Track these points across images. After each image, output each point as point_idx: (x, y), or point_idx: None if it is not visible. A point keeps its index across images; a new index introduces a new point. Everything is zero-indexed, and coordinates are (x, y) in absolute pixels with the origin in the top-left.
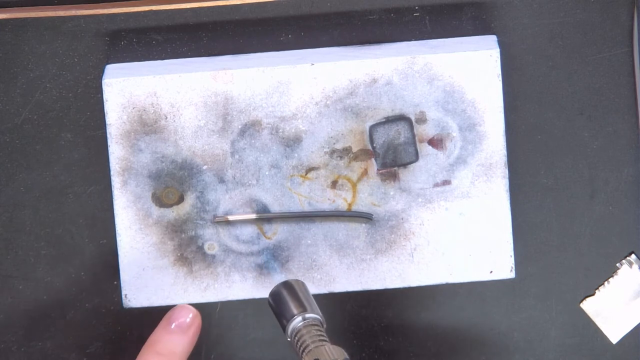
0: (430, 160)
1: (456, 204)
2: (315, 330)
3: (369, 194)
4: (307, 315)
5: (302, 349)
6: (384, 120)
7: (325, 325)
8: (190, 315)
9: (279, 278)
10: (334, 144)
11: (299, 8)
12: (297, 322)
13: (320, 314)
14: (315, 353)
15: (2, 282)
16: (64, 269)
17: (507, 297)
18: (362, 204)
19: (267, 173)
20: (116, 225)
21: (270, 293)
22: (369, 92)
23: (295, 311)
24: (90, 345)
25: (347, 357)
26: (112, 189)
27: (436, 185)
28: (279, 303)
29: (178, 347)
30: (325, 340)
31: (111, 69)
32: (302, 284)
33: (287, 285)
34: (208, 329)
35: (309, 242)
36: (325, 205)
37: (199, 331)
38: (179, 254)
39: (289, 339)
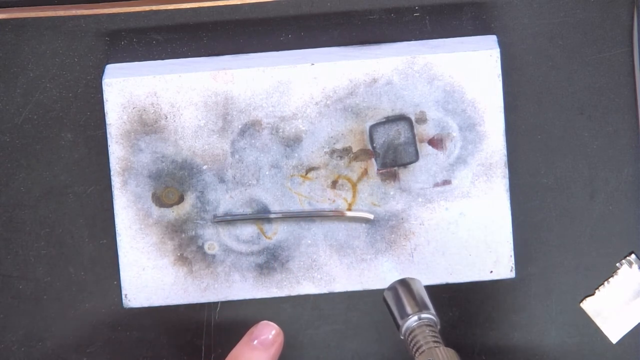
0: (430, 160)
1: (456, 203)
2: (429, 331)
3: (369, 194)
4: (423, 315)
5: (415, 349)
6: (384, 120)
7: (439, 326)
8: (273, 332)
9: (279, 278)
10: (334, 144)
11: (299, 8)
12: (412, 321)
13: (435, 314)
14: (429, 354)
15: (2, 282)
16: (64, 269)
17: (507, 297)
18: (362, 204)
19: (267, 173)
20: (116, 225)
21: (386, 290)
22: (369, 92)
23: (410, 310)
24: (90, 345)
25: None
26: (112, 189)
27: (436, 185)
28: (395, 301)
29: None
30: (439, 342)
31: (111, 69)
32: (419, 282)
33: (403, 283)
34: (208, 329)
35: (309, 242)
36: (326, 205)
37: (281, 348)
38: (179, 254)
39: (402, 337)
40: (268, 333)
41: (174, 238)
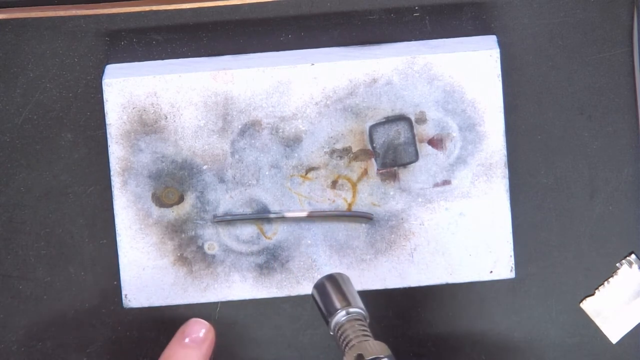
0: (430, 160)
1: (456, 204)
2: (359, 325)
3: (369, 194)
4: (351, 310)
5: (345, 343)
6: (384, 120)
7: (368, 320)
8: (204, 330)
9: (279, 278)
10: (334, 144)
11: (299, 8)
12: (340, 316)
13: (364, 308)
14: (358, 348)
15: (2, 282)
16: (64, 269)
17: (507, 297)
18: (362, 204)
19: (267, 173)
20: (116, 225)
21: (314, 286)
22: (369, 92)
23: (338, 305)
24: (90, 345)
25: (390, 353)
26: (112, 189)
27: (436, 185)
28: (323, 296)
29: None
30: (368, 336)
31: (111, 69)
32: (347, 277)
33: (331, 278)
34: None
35: (309, 242)
36: (325, 205)
37: (213, 345)
38: (179, 254)
39: (331, 333)
40: (199, 331)
41: (174, 238)
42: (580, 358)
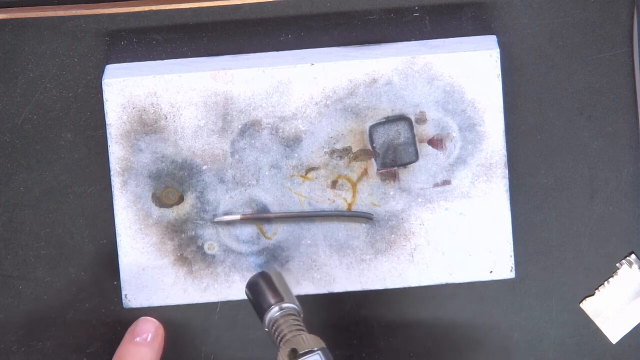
0: (430, 160)
1: (456, 204)
2: (293, 320)
3: (369, 194)
4: (284, 305)
5: (279, 338)
6: (384, 120)
7: (302, 315)
8: (153, 329)
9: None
10: (334, 144)
11: (299, 8)
12: (274, 312)
13: (298, 303)
14: (292, 342)
15: (2, 282)
16: (64, 269)
17: (507, 297)
18: (362, 204)
19: (267, 173)
20: (116, 225)
21: (247, 283)
22: (369, 92)
23: (272, 301)
24: (90, 345)
25: (324, 345)
26: (112, 189)
27: (436, 185)
28: (256, 293)
29: (146, 358)
30: (302, 330)
31: (111, 69)
32: (279, 274)
33: (264, 275)
34: (208, 329)
35: (309, 242)
36: (325, 205)
37: (163, 342)
38: (178, 254)
39: (266, 329)
40: (149, 330)
41: (173, 238)
42: (580, 358)
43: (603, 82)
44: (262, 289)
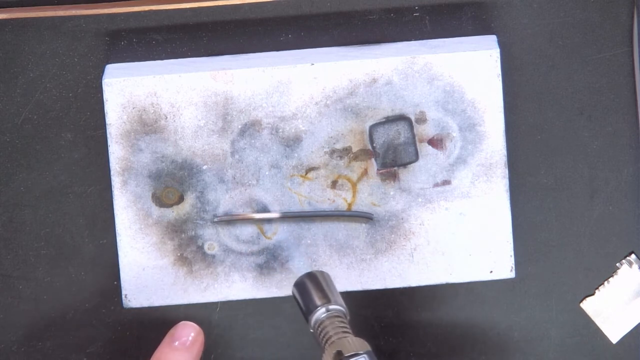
0: (430, 160)
1: (456, 204)
2: (339, 322)
3: (369, 194)
4: (331, 307)
5: (324, 340)
6: (384, 120)
7: (348, 317)
8: (193, 333)
9: (279, 278)
10: (334, 144)
11: (299, 8)
12: (320, 313)
13: (344, 305)
14: (338, 344)
15: (2, 282)
16: (64, 269)
17: (507, 297)
18: (362, 204)
19: (267, 173)
20: (116, 225)
21: (295, 284)
22: (369, 92)
23: (318, 302)
24: (90, 345)
25: (370, 349)
26: (112, 189)
27: (436, 185)
28: (303, 294)
29: None
30: (348, 332)
31: (111, 69)
32: (327, 275)
33: (311, 276)
34: (208, 329)
35: (309, 242)
36: (325, 205)
37: (202, 348)
38: (179, 254)
39: (311, 330)
40: (188, 334)
41: (174, 238)
42: (580, 358)
43: (603, 82)
44: (308, 289)
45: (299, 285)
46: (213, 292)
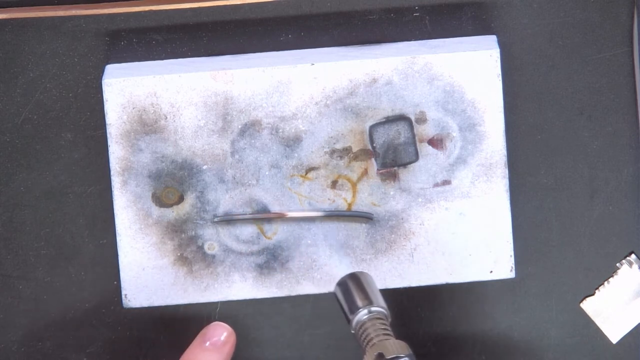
0: (430, 160)
1: (456, 204)
2: (380, 324)
3: (369, 194)
4: (373, 308)
5: (366, 342)
6: (384, 120)
7: (390, 319)
8: (225, 334)
9: (279, 278)
10: (334, 144)
11: (299, 8)
12: (362, 314)
13: (386, 307)
14: (379, 347)
15: (2, 282)
16: (64, 269)
17: (507, 297)
18: (362, 204)
19: (267, 173)
20: (116, 225)
21: (337, 283)
22: (369, 92)
23: (360, 304)
24: (90, 345)
25: (411, 352)
26: (112, 189)
27: (436, 185)
28: (345, 295)
29: None
30: (389, 335)
31: (111, 69)
32: (369, 276)
33: (353, 277)
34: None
35: (309, 242)
36: (325, 205)
37: (234, 349)
38: (179, 254)
39: (352, 332)
40: (220, 334)
41: (173, 238)
42: (580, 358)
43: (603, 82)
44: (350, 290)
45: (342, 285)
46: (213, 292)
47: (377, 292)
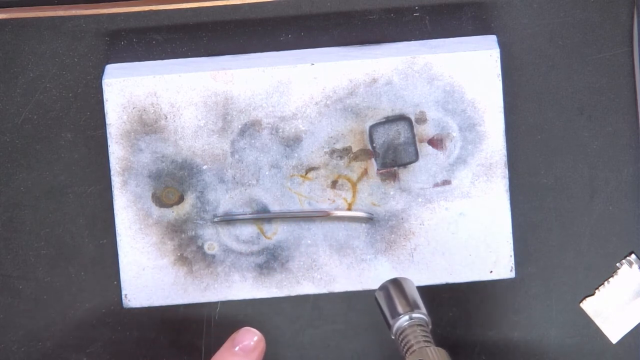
0: (430, 160)
1: (456, 204)
2: (421, 331)
3: (369, 194)
4: (414, 315)
5: (406, 348)
6: (384, 120)
7: (431, 326)
8: (255, 339)
9: (279, 278)
10: (334, 144)
11: (299, 8)
12: (403, 321)
13: (427, 314)
14: (419, 354)
15: (2, 282)
16: (64, 269)
17: (507, 297)
18: (362, 204)
19: (267, 173)
20: (116, 225)
21: (379, 288)
22: (369, 92)
23: (401, 310)
24: (90, 345)
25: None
26: (112, 189)
27: (436, 185)
28: (387, 300)
29: None
30: (429, 342)
31: (111, 69)
32: (410, 282)
33: (395, 282)
34: (208, 329)
35: (309, 242)
36: (325, 205)
37: (263, 355)
38: (179, 254)
39: (393, 337)
40: (250, 339)
41: (174, 238)
42: (580, 358)
43: (603, 82)
44: (392, 296)
45: (383, 290)
46: (213, 292)
47: (419, 298)
